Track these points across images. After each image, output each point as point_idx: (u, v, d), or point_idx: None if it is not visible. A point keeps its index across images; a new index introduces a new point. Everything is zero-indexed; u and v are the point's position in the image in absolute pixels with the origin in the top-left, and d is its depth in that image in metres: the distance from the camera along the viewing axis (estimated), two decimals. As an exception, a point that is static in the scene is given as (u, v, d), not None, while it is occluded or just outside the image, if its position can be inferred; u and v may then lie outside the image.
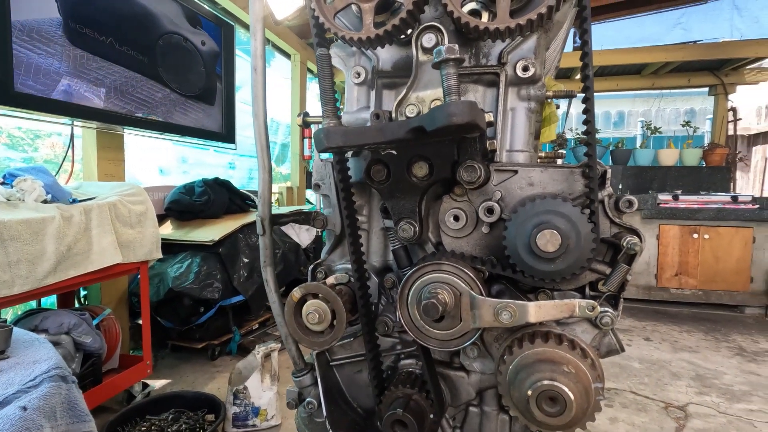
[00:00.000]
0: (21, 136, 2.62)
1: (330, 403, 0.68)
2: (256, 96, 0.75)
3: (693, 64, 5.07)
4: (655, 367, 2.79)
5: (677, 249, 4.15)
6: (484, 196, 0.60)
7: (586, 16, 0.53)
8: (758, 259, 3.99)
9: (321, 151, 0.52)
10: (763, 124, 7.65)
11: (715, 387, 2.51)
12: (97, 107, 2.02)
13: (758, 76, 5.21)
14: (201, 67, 2.71)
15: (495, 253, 0.60)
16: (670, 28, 6.21)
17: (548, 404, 0.50)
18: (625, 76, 5.64)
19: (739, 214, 3.98)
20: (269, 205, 0.80)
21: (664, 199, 4.15)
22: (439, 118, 0.42)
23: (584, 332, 0.60)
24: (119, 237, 1.82)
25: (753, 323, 3.79)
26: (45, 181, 1.70)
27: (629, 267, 0.56)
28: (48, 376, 0.64)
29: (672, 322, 3.77)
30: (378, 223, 0.70)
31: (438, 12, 0.62)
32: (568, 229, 0.51)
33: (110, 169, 2.34)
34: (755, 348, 3.16)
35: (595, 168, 0.54)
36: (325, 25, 0.56)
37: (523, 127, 0.65)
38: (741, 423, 2.12)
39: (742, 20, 6.10)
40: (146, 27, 2.29)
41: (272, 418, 1.89)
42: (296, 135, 4.76)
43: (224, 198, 2.97)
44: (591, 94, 0.54)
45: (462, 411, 0.69)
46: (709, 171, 4.91)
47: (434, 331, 0.54)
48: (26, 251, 1.44)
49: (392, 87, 0.70)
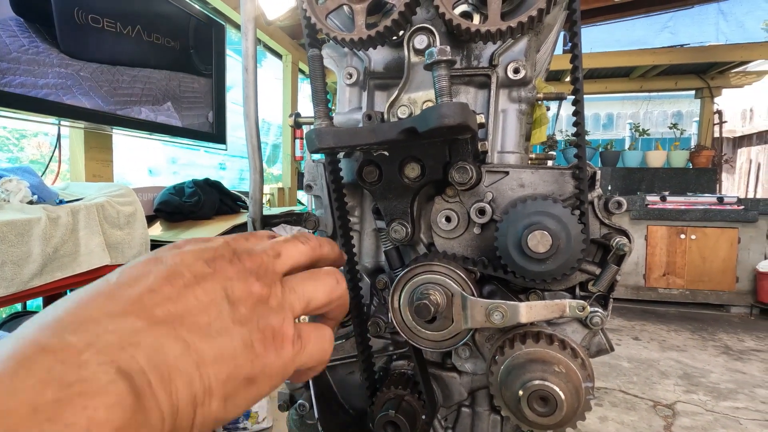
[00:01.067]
0: (6, 136, 2.57)
1: (322, 405, 0.68)
2: (248, 96, 0.74)
3: (680, 67, 5.16)
4: (643, 366, 2.83)
5: (665, 249, 4.21)
6: (475, 197, 0.60)
7: (576, 19, 0.54)
8: (743, 260, 4.07)
9: (313, 152, 0.52)
10: (748, 127, 7.80)
11: (702, 385, 2.55)
12: (85, 106, 1.99)
13: (743, 79, 5.31)
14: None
15: (486, 254, 0.61)
16: (658, 31, 6.31)
17: (539, 404, 0.50)
18: (614, 78, 5.71)
19: (725, 215, 4.05)
20: (260, 206, 0.79)
21: (652, 200, 4.21)
22: (431, 119, 0.42)
23: (574, 332, 0.60)
24: (107, 238, 1.79)
25: (739, 322, 3.86)
26: (31, 181, 1.67)
27: (618, 267, 0.56)
28: (33, 380, 0.63)
29: (660, 322, 3.82)
30: (370, 224, 0.70)
31: (430, 14, 0.62)
32: (558, 230, 0.51)
33: (98, 170, 2.31)
34: (741, 347, 3.22)
35: (585, 169, 0.55)
36: (317, 25, 0.56)
37: (514, 129, 0.65)
38: (727, 420, 2.16)
39: (727, 25, 6.22)
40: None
41: (263, 420, 1.88)
42: (288, 136, 4.74)
43: (215, 199, 2.94)
44: (581, 97, 0.55)
45: (454, 411, 0.69)
46: (695, 173, 4.99)
47: (426, 332, 0.54)
48: (11, 253, 1.41)
49: (384, 88, 0.70)
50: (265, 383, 0.28)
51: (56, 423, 0.18)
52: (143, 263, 0.27)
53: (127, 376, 0.21)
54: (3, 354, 0.20)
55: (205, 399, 0.25)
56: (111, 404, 0.20)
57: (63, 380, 0.20)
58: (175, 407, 0.23)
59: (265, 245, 0.32)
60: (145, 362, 0.22)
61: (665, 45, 5.59)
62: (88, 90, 2.01)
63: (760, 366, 2.83)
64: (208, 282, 0.27)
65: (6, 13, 1.68)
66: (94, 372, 0.20)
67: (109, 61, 2.10)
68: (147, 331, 0.23)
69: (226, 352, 0.26)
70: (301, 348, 0.30)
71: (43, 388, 0.19)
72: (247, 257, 0.30)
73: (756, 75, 5.26)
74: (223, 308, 0.27)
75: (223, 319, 0.26)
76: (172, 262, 0.27)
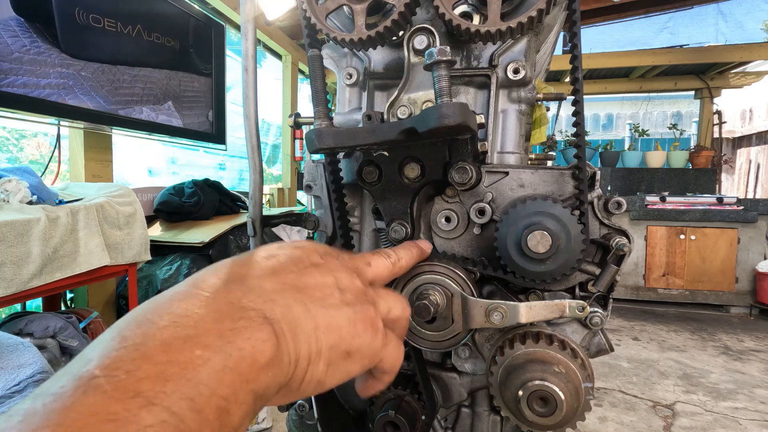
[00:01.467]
0: (5, 136, 2.57)
1: (321, 406, 0.68)
2: (247, 97, 0.74)
3: (680, 67, 5.16)
4: (643, 366, 2.83)
5: (664, 250, 4.21)
6: (475, 198, 0.60)
7: (576, 20, 0.54)
8: (743, 260, 4.07)
9: (312, 152, 0.52)
10: (747, 127, 7.80)
11: (702, 386, 2.55)
12: (87, 106, 1.99)
13: (742, 80, 5.31)
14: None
15: (486, 254, 0.61)
16: (657, 32, 6.32)
17: (539, 404, 0.50)
18: (614, 79, 5.72)
19: (724, 215, 4.05)
20: (260, 207, 0.79)
21: (652, 200, 4.21)
22: (430, 119, 0.42)
23: (574, 332, 0.60)
24: (107, 239, 1.79)
25: (738, 323, 3.86)
26: (30, 181, 1.67)
27: (618, 268, 0.56)
28: (33, 380, 0.62)
29: (659, 322, 3.82)
30: (370, 224, 0.70)
31: (429, 14, 0.62)
32: (558, 230, 0.51)
33: (98, 170, 2.31)
34: (740, 347, 3.22)
35: (585, 170, 0.55)
36: (317, 26, 0.56)
37: (513, 129, 0.65)
38: (727, 420, 2.16)
39: (726, 25, 6.23)
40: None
41: (263, 421, 1.88)
42: (287, 136, 4.74)
43: (214, 199, 2.94)
44: (580, 97, 0.55)
45: (453, 412, 0.69)
46: (695, 173, 4.99)
47: (426, 332, 0.54)
48: (11, 253, 1.41)
49: (384, 88, 0.70)
50: (357, 360, 0.32)
51: (233, 345, 0.24)
52: (270, 248, 0.34)
53: (270, 322, 0.27)
54: (191, 296, 0.26)
55: (315, 358, 0.30)
56: (264, 339, 0.26)
57: (234, 315, 0.26)
58: (296, 358, 0.28)
59: (360, 254, 0.39)
60: (280, 315, 0.28)
61: (665, 45, 5.59)
62: (90, 90, 2.00)
63: (760, 366, 2.83)
64: (322, 269, 0.33)
65: (6, 13, 1.67)
66: (249, 314, 0.27)
67: (110, 61, 2.10)
68: (281, 293, 0.29)
69: (334, 323, 0.31)
70: (387, 343, 0.35)
71: (222, 319, 0.25)
72: (347, 258, 0.37)
73: (755, 75, 5.26)
74: (334, 290, 0.33)
75: (335, 298, 0.32)
76: (293, 251, 0.34)
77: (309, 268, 0.33)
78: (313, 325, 0.30)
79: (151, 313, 0.25)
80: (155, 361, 0.22)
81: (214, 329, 0.24)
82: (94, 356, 0.22)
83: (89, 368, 0.21)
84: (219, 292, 0.27)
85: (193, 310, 0.25)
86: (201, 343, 0.23)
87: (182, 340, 0.23)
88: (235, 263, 0.31)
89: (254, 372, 0.25)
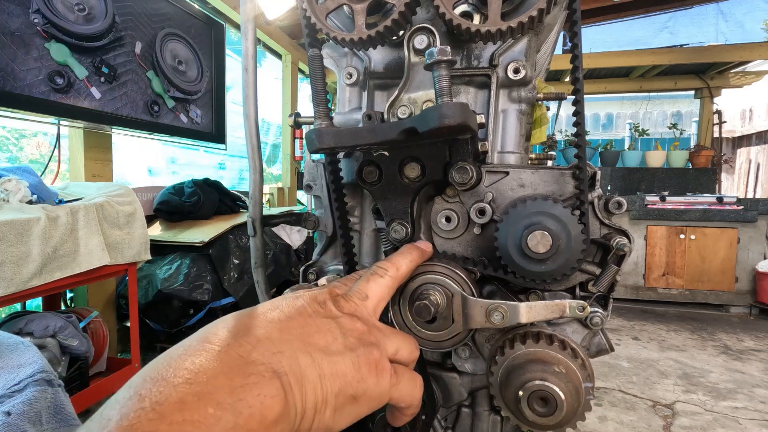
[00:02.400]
0: (5, 136, 2.57)
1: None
2: (247, 96, 0.74)
3: (680, 67, 5.16)
4: (643, 366, 2.83)
5: (664, 249, 4.21)
6: (475, 198, 0.60)
7: (576, 19, 0.54)
8: (743, 260, 4.07)
9: (313, 152, 0.52)
10: (747, 127, 7.81)
11: (702, 385, 2.55)
12: (85, 106, 1.99)
13: (742, 79, 5.31)
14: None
15: (486, 254, 0.60)
16: (657, 31, 6.32)
17: (539, 404, 0.50)
18: (614, 78, 5.71)
19: (724, 215, 4.06)
20: (260, 206, 0.79)
21: (652, 200, 4.21)
22: (431, 119, 0.42)
23: (574, 332, 0.60)
24: (107, 238, 1.79)
25: (738, 322, 3.86)
26: (30, 181, 1.67)
27: (618, 267, 0.56)
28: (33, 380, 0.62)
29: (659, 322, 3.82)
30: (370, 224, 0.70)
31: (430, 14, 0.62)
32: (558, 230, 0.51)
33: (98, 170, 2.31)
34: (740, 346, 3.22)
35: (585, 169, 0.55)
36: (317, 25, 0.56)
37: (514, 129, 0.65)
38: (726, 420, 2.16)
39: (726, 25, 6.23)
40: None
41: None
42: (287, 136, 4.73)
43: (214, 199, 2.94)
44: (581, 97, 0.54)
45: (454, 412, 0.69)
46: (695, 173, 4.99)
47: (426, 332, 0.54)
48: (11, 253, 1.41)
49: (384, 88, 0.70)
50: (365, 404, 0.33)
51: (243, 403, 0.25)
52: (273, 302, 0.35)
53: (278, 375, 0.28)
54: (203, 350, 0.27)
55: (321, 407, 0.30)
56: (273, 395, 0.27)
57: (244, 370, 0.27)
58: (303, 410, 0.29)
59: (356, 288, 0.40)
60: (287, 367, 0.29)
61: (665, 45, 5.59)
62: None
63: (760, 366, 2.83)
64: (323, 316, 0.35)
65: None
66: (259, 368, 0.27)
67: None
68: (287, 344, 0.30)
69: (339, 369, 0.32)
70: (397, 382, 0.36)
71: (233, 375, 0.26)
72: (344, 302, 0.38)
73: (755, 75, 5.26)
74: (337, 336, 0.34)
75: (338, 344, 0.33)
76: (295, 302, 0.35)
77: (312, 317, 0.34)
78: (318, 374, 0.30)
79: (165, 370, 0.26)
80: (171, 420, 0.23)
81: (226, 386, 0.25)
82: (113, 415, 0.23)
83: (109, 429, 0.22)
84: (229, 346, 0.28)
85: (206, 365, 0.26)
86: (213, 400, 0.24)
87: (197, 397, 0.24)
88: (242, 316, 0.32)
89: (263, 428, 0.26)
